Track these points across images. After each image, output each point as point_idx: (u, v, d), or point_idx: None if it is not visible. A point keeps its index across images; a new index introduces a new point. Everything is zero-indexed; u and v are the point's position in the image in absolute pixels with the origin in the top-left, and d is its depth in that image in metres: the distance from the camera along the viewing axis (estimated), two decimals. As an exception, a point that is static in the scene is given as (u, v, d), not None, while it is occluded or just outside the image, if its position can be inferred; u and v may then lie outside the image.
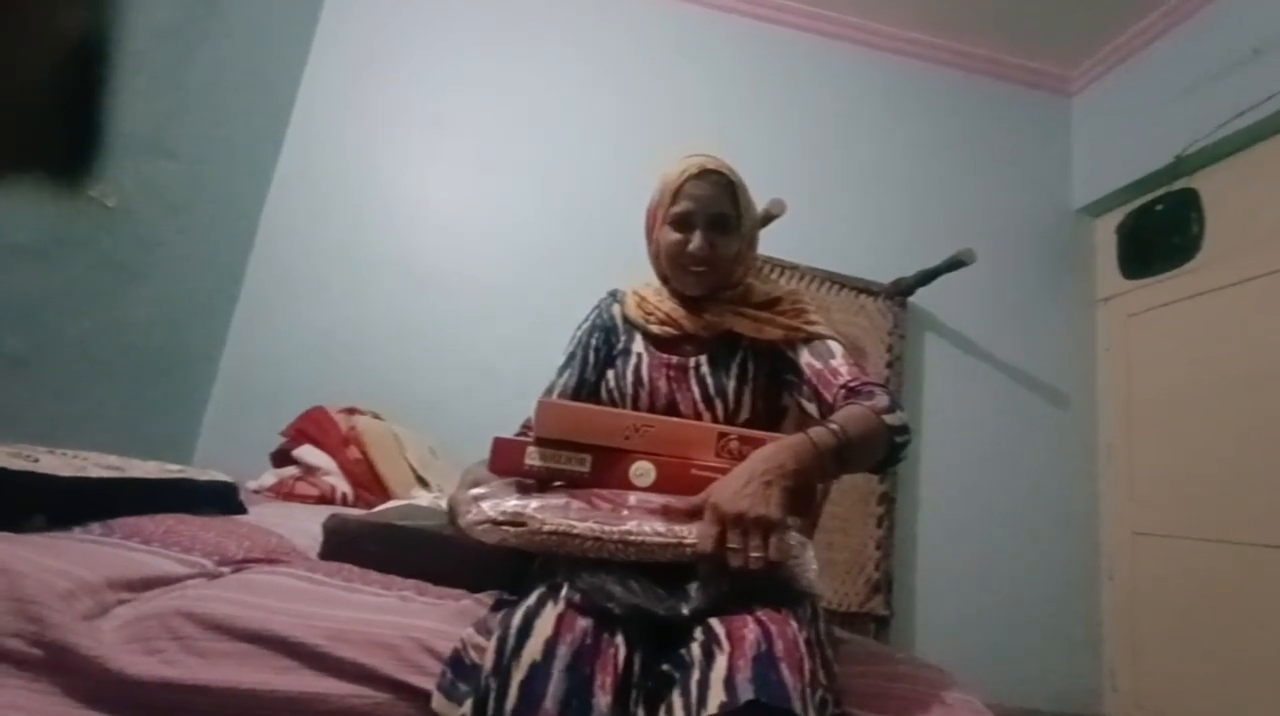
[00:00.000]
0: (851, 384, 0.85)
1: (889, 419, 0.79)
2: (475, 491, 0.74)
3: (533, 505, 0.69)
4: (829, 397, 0.85)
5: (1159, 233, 2.23)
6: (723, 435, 0.78)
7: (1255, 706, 1.74)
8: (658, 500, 0.72)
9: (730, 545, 0.63)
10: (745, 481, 0.67)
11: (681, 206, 0.92)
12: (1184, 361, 2.12)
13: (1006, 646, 2.15)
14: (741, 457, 0.75)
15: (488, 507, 0.69)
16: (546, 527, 0.66)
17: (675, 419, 0.85)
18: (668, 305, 0.97)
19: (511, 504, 0.69)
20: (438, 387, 2.08)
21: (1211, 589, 1.91)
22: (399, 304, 2.14)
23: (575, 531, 0.65)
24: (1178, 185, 2.18)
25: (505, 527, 0.67)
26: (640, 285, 1.03)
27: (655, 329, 0.96)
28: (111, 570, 0.73)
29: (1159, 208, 2.24)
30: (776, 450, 0.71)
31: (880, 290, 2.28)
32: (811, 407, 0.88)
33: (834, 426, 0.75)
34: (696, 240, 0.91)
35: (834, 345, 0.91)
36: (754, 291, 0.98)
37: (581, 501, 0.72)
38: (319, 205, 2.18)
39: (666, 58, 2.44)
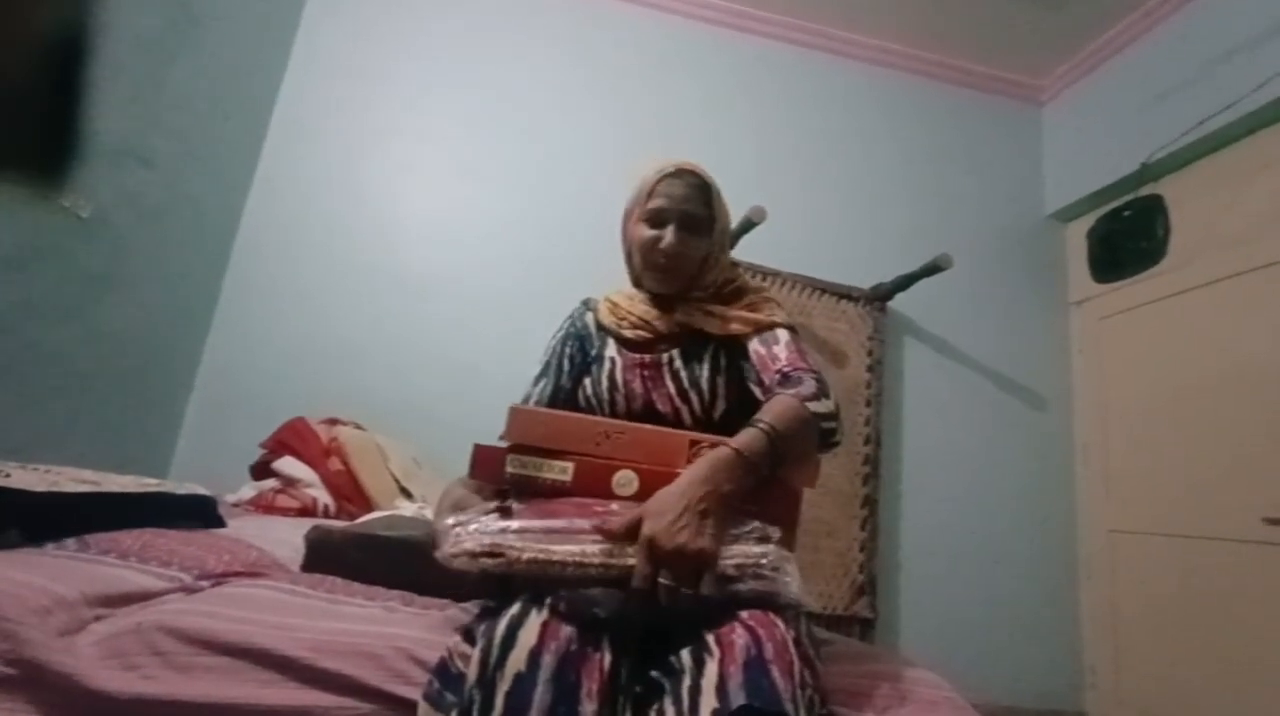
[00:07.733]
0: (785, 370, 0.87)
1: (814, 406, 0.79)
2: (451, 520, 0.71)
3: (512, 528, 0.68)
4: (767, 382, 0.87)
5: (1127, 237, 2.30)
6: (694, 442, 0.76)
7: (1233, 699, 1.78)
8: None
9: (663, 581, 0.63)
10: (680, 511, 0.65)
11: (655, 203, 0.94)
12: (1155, 362, 2.18)
13: (989, 645, 2.18)
14: None
15: (466, 539, 0.67)
16: (525, 556, 0.65)
17: (647, 426, 0.84)
18: (640, 308, 0.98)
19: (489, 533, 0.67)
20: (421, 396, 2.06)
21: (1187, 584, 1.95)
22: (380, 312, 2.12)
23: (554, 557, 0.65)
24: (1144, 191, 2.25)
25: (483, 560, 0.66)
26: (612, 292, 1.05)
27: (628, 333, 0.97)
28: (87, 585, 0.72)
29: (1126, 213, 2.31)
30: (710, 471, 0.70)
31: (860, 295, 2.32)
32: (757, 392, 0.90)
33: (763, 426, 0.74)
34: (669, 236, 0.92)
35: (781, 332, 0.93)
36: (721, 286, 0.99)
37: (564, 515, 0.70)
38: (298, 213, 2.16)
39: (649, 66, 2.46)
